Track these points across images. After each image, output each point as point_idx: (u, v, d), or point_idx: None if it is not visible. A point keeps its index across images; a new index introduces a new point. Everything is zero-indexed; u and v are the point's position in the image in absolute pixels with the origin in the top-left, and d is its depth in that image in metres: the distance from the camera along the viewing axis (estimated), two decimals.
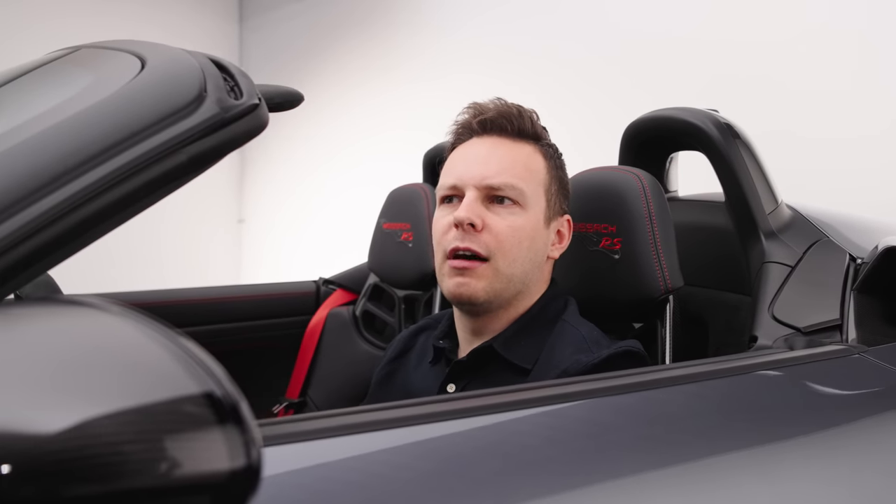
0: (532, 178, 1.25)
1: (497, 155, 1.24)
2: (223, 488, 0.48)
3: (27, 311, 0.53)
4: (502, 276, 1.21)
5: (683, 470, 0.85)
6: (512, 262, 1.22)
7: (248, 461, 0.48)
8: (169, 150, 0.77)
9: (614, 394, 0.89)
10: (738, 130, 1.39)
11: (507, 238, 1.21)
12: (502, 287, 1.22)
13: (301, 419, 0.77)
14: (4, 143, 0.73)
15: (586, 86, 3.51)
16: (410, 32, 4.50)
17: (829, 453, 0.94)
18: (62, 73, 0.96)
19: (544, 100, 3.59)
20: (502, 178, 1.22)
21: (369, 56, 4.74)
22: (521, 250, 1.22)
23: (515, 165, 1.24)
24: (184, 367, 0.50)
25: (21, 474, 0.46)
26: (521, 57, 3.83)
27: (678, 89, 3.14)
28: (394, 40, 4.60)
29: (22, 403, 0.48)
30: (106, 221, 0.75)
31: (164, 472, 0.47)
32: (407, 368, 1.41)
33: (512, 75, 3.81)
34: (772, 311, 1.18)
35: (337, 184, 4.90)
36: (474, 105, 1.31)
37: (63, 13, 4.74)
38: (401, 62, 4.55)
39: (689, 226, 1.55)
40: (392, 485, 0.72)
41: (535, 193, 1.25)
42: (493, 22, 3.99)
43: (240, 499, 0.48)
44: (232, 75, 0.87)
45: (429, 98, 4.22)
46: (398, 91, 4.49)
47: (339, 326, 2.11)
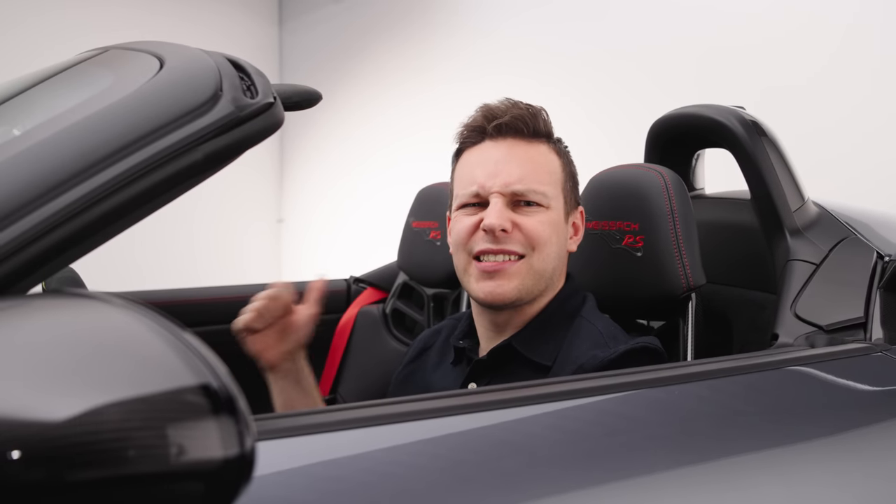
0: (551, 178, 1.26)
1: (517, 159, 1.24)
2: (216, 475, 0.49)
3: (36, 305, 0.55)
4: (535, 271, 1.22)
5: (695, 470, 0.85)
6: (545, 258, 1.23)
7: (242, 450, 0.50)
8: (184, 148, 0.79)
9: (623, 391, 0.89)
10: (765, 128, 1.38)
11: (540, 235, 1.22)
12: (533, 283, 1.23)
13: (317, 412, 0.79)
14: (27, 140, 0.76)
15: (620, 87, 3.50)
16: (447, 33, 4.52)
17: (846, 454, 0.93)
18: (87, 74, 0.98)
19: (579, 100, 3.62)
20: (526, 183, 1.22)
21: (405, 57, 4.77)
22: (552, 245, 1.24)
23: (537, 169, 1.25)
24: (183, 359, 0.51)
25: (29, 459, 0.47)
26: (556, 58, 3.82)
27: (712, 91, 3.11)
28: (430, 41, 4.61)
29: (30, 392, 0.50)
30: (124, 217, 0.77)
31: (160, 460, 0.49)
32: (426, 369, 1.42)
33: (547, 76, 3.81)
34: (794, 309, 1.17)
35: (373, 183, 4.93)
36: (486, 108, 1.30)
37: (107, 14, 4.84)
38: (436, 63, 4.56)
39: (716, 224, 1.54)
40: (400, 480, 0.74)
41: (556, 193, 1.26)
42: (529, 23, 3.98)
43: (233, 486, 0.50)
44: (248, 74, 0.89)
45: (464, 99, 4.19)
46: (434, 92, 4.51)
47: (369, 324, 2.12)
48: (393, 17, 4.86)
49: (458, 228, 1.26)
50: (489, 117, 1.28)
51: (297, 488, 0.68)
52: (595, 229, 1.37)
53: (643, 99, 3.32)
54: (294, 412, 0.75)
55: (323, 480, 0.70)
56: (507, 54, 4.09)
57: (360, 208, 5.05)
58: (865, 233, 1.30)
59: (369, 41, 5.03)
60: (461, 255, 1.26)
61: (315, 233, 5.50)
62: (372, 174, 4.97)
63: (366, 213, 4.97)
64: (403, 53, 4.79)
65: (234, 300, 2.07)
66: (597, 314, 1.27)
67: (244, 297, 2.10)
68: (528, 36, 3.99)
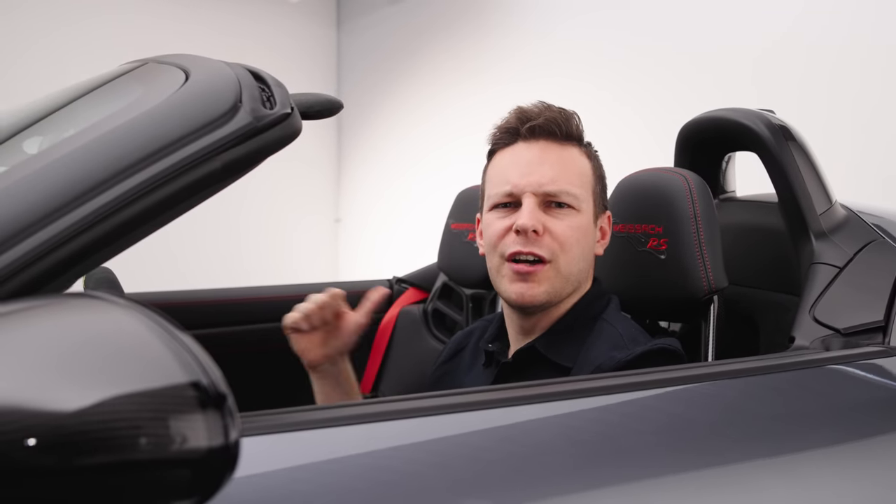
0: (582, 181, 1.28)
1: (550, 160, 1.26)
2: (202, 464, 0.54)
3: (50, 305, 0.60)
4: (563, 275, 1.24)
5: (698, 475, 0.87)
6: (571, 262, 1.25)
7: (226, 442, 0.54)
8: (204, 157, 0.83)
9: (627, 391, 0.91)
10: (793, 132, 1.38)
11: (568, 239, 1.24)
12: (562, 286, 1.25)
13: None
14: (60, 150, 0.81)
15: (673, 91, 3.47)
16: (502, 34, 4.54)
17: (852, 459, 0.93)
18: (122, 87, 1.04)
19: (632, 103, 3.61)
20: (559, 184, 1.24)
21: (461, 58, 4.80)
22: (580, 249, 1.26)
23: (568, 171, 1.27)
24: (176, 357, 0.56)
25: (43, 446, 0.52)
26: (610, 62, 3.81)
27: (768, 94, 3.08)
28: (485, 42, 4.64)
29: (42, 386, 0.55)
30: (149, 222, 0.82)
31: (152, 448, 0.53)
32: (460, 370, 1.45)
33: (601, 79, 3.81)
34: (813, 312, 1.17)
35: (428, 184, 4.98)
36: (519, 110, 1.32)
37: (177, 16, 4.98)
38: (492, 64, 4.59)
39: (746, 226, 1.54)
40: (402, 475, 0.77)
41: (587, 196, 1.28)
42: (584, 26, 3.99)
43: (217, 474, 0.54)
44: (268, 85, 0.93)
45: (519, 100, 4.22)
46: (488, 93, 4.53)
47: (409, 324, 2.17)
48: (448, 19, 4.90)
49: (491, 231, 1.28)
50: (523, 119, 1.30)
51: (304, 482, 0.72)
52: (621, 232, 1.39)
53: (696, 102, 3.29)
54: (297, 408, 0.79)
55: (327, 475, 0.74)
56: (561, 56, 4.10)
57: (415, 208, 5.11)
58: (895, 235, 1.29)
59: (424, 42, 5.08)
60: (494, 257, 1.28)
61: (371, 233, 5.57)
62: (427, 174, 5.02)
63: (420, 213, 5.02)
64: (459, 54, 4.82)
65: (276, 300, 2.14)
66: (619, 316, 1.29)
67: (287, 297, 2.18)
68: (582, 38, 3.99)
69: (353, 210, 5.80)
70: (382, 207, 5.45)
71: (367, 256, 5.56)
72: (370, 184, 5.62)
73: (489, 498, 0.79)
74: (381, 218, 5.45)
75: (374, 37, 5.57)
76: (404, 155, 5.26)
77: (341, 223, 5.91)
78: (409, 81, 5.18)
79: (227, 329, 2.07)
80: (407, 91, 5.20)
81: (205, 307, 2.06)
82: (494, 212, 1.29)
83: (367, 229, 5.63)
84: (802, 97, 3.00)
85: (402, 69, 5.25)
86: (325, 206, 5.86)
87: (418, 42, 5.14)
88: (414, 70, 5.17)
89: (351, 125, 5.76)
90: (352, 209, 5.82)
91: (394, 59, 5.34)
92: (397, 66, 5.29)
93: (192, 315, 2.01)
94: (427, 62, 5.06)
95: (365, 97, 5.62)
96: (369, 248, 5.56)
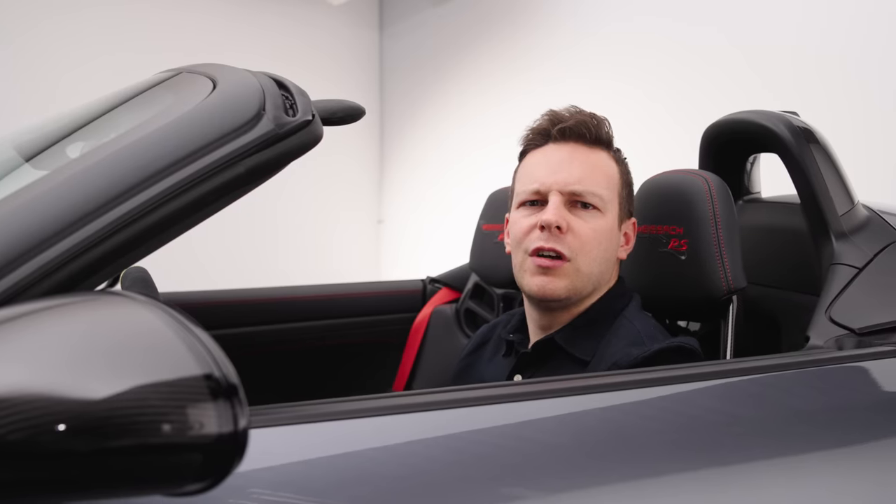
0: (609, 183, 1.31)
1: (578, 161, 1.31)
2: (212, 448, 0.58)
3: (76, 302, 0.65)
4: (582, 274, 1.28)
5: (702, 474, 0.89)
6: (591, 262, 1.28)
7: (235, 429, 0.58)
8: (229, 162, 0.88)
9: (640, 387, 0.93)
10: (816, 134, 1.39)
11: (590, 240, 1.28)
12: (582, 285, 1.29)
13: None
14: (95, 156, 0.87)
15: (720, 93, 3.45)
16: (545, 34, 4.54)
17: (857, 459, 0.94)
18: (155, 95, 1.10)
19: (677, 105, 3.59)
20: (585, 184, 1.29)
21: (504, 58, 4.81)
22: (599, 251, 1.29)
23: (595, 172, 1.30)
24: (191, 351, 0.60)
25: (72, 431, 0.57)
26: (655, 64, 3.80)
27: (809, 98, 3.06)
28: (528, 43, 4.64)
29: (70, 376, 0.59)
30: (177, 224, 0.87)
31: (170, 433, 0.58)
32: (482, 361, 1.49)
33: (646, 81, 3.80)
34: (829, 312, 1.18)
35: (470, 184, 4.99)
36: (551, 113, 1.37)
37: (220, 20, 5.08)
38: (535, 64, 4.59)
39: (771, 228, 1.56)
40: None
41: (613, 199, 1.31)
42: (629, 26, 3.97)
43: (227, 459, 0.59)
44: (291, 93, 0.98)
45: (564, 99, 4.21)
46: (532, 93, 4.53)
47: (442, 323, 2.20)
48: (491, 19, 4.92)
49: (517, 228, 1.33)
50: (554, 121, 1.35)
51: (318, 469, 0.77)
52: (644, 233, 1.42)
53: (744, 104, 3.27)
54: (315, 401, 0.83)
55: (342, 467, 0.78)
56: (605, 58, 4.09)
57: (457, 209, 5.13)
58: None
59: (467, 42, 5.10)
60: (518, 253, 1.33)
61: (413, 234, 5.61)
62: (469, 175, 5.04)
63: (462, 213, 5.05)
64: (502, 55, 4.84)
65: (313, 299, 2.19)
66: (639, 314, 1.32)
67: (324, 296, 2.23)
68: (627, 38, 3.98)
69: (395, 211, 5.85)
70: (424, 208, 5.49)
71: (409, 257, 5.60)
72: (412, 185, 5.66)
73: (502, 492, 0.82)
74: (423, 219, 5.48)
75: (417, 38, 5.61)
76: (446, 156, 5.28)
77: (383, 224, 5.96)
78: (452, 83, 5.21)
79: (266, 328, 2.12)
80: (449, 92, 5.23)
81: (243, 306, 2.11)
82: (522, 209, 1.34)
83: (408, 230, 5.67)
84: (835, 99, 2.97)
85: (445, 69, 5.28)
86: (367, 207, 5.92)
87: (461, 43, 5.17)
88: (456, 71, 5.19)
89: (393, 126, 5.82)
90: (394, 210, 5.87)
91: (437, 60, 5.38)
92: (440, 66, 5.33)
93: (230, 314, 2.07)
94: (469, 63, 5.09)
95: (407, 99, 5.67)
96: (411, 249, 5.60)
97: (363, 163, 5.86)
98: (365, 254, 5.89)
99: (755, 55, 3.33)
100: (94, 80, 4.05)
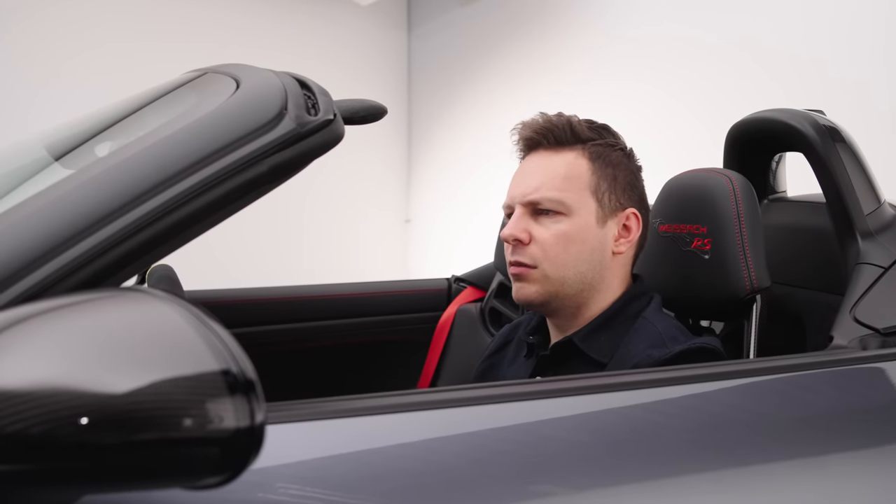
0: (572, 185, 1.30)
1: (538, 171, 1.33)
2: (230, 442, 0.59)
3: (99, 298, 0.66)
4: (552, 279, 1.30)
5: (727, 473, 0.88)
6: (560, 266, 1.29)
7: (252, 423, 0.59)
8: (251, 161, 0.89)
9: (660, 386, 0.93)
10: (842, 133, 1.38)
11: (552, 246, 1.29)
12: (556, 289, 1.30)
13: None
14: (120, 155, 0.88)
15: (745, 96, 3.43)
16: (574, 34, 4.53)
17: (881, 460, 0.94)
18: (181, 95, 1.11)
19: (703, 108, 3.57)
20: (540, 192, 1.31)
21: (532, 58, 4.81)
22: (569, 254, 1.29)
23: (553, 178, 1.31)
24: (210, 347, 0.61)
25: (94, 424, 0.58)
26: (683, 66, 3.78)
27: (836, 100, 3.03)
28: (556, 43, 4.63)
29: (93, 370, 0.61)
30: (201, 222, 0.88)
31: (190, 427, 0.59)
32: (504, 362, 1.49)
33: (671, 84, 3.78)
34: (854, 312, 1.17)
35: (498, 184, 4.98)
36: (519, 124, 1.40)
37: (247, 21, 5.12)
38: (564, 64, 4.58)
39: (796, 227, 1.54)
40: None
41: (580, 198, 1.30)
42: (659, 27, 3.95)
43: (245, 453, 0.59)
44: (313, 92, 0.99)
45: (594, 99, 4.23)
46: (561, 93, 4.53)
47: (467, 322, 2.20)
48: (520, 19, 4.91)
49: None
50: (520, 136, 1.39)
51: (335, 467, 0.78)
52: (667, 232, 1.41)
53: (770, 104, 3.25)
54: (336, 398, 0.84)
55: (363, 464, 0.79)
56: (634, 60, 4.08)
57: (485, 209, 5.14)
58: None
59: (496, 42, 5.10)
60: None
61: (441, 233, 5.62)
62: (496, 175, 5.03)
63: (490, 213, 5.04)
64: (530, 55, 4.83)
65: (339, 297, 2.21)
66: (660, 315, 1.31)
67: (351, 294, 2.24)
68: (656, 41, 3.96)
69: (423, 211, 5.86)
70: (452, 208, 5.50)
71: (436, 257, 5.61)
72: (440, 185, 5.67)
73: (523, 489, 0.82)
74: (451, 219, 5.49)
75: (445, 38, 5.62)
76: (474, 156, 5.29)
77: (411, 224, 5.98)
78: (480, 82, 5.21)
79: (291, 326, 2.14)
80: (477, 93, 5.23)
81: (268, 304, 2.13)
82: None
83: (436, 230, 5.68)
84: (865, 98, 2.94)
85: (474, 69, 5.28)
86: (395, 207, 5.94)
87: (489, 43, 5.17)
88: (485, 70, 5.20)
89: (420, 126, 5.83)
90: (421, 210, 5.88)
91: (465, 59, 5.38)
92: (469, 66, 5.33)
93: (256, 311, 2.08)
94: (497, 63, 5.08)
95: (435, 99, 5.68)
96: (438, 248, 5.61)
97: (391, 162, 5.87)
98: (392, 253, 5.91)
99: (782, 58, 3.30)
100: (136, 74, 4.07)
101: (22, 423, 0.56)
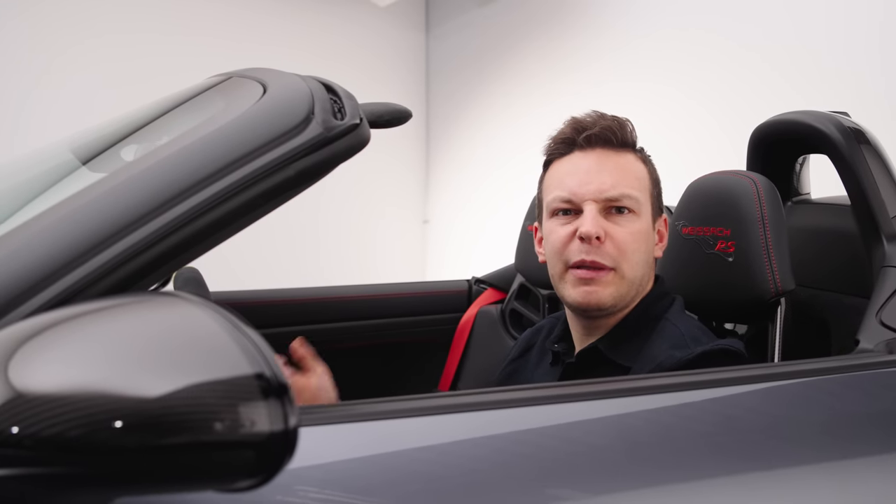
0: (640, 185, 1.30)
1: (608, 167, 1.30)
2: (264, 446, 0.60)
3: (132, 302, 0.67)
4: (626, 280, 1.28)
5: (750, 477, 0.88)
6: (634, 267, 1.28)
7: (286, 427, 0.60)
8: (279, 165, 0.90)
9: (683, 390, 0.93)
10: (867, 135, 1.37)
11: (629, 245, 1.27)
12: (626, 290, 1.28)
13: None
14: (149, 160, 0.89)
15: (765, 100, 3.40)
16: (592, 35, 4.51)
17: None
18: (207, 99, 1.12)
19: (722, 111, 3.55)
20: (619, 189, 1.28)
21: (551, 59, 4.80)
22: (640, 254, 1.28)
23: (627, 175, 1.30)
24: (243, 351, 0.62)
25: (128, 427, 0.59)
26: (703, 67, 3.76)
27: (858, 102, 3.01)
28: (575, 43, 4.62)
29: (126, 374, 0.61)
30: (229, 226, 0.89)
31: (222, 430, 0.59)
32: (528, 367, 1.49)
33: (690, 85, 3.76)
34: (880, 315, 1.17)
35: (516, 185, 4.99)
36: (574, 120, 1.36)
37: (270, 24, 5.14)
38: (582, 65, 4.56)
39: (820, 229, 1.54)
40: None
41: (644, 199, 1.31)
42: (678, 29, 3.93)
43: (278, 456, 0.60)
44: (339, 97, 1.00)
45: (613, 100, 4.19)
46: (579, 94, 4.50)
47: (487, 324, 2.21)
48: (539, 20, 4.90)
49: (554, 238, 1.32)
50: (578, 129, 1.34)
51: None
52: (690, 234, 1.41)
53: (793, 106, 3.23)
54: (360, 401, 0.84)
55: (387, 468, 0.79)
56: (653, 61, 4.05)
57: (504, 210, 5.13)
58: None
59: (514, 43, 5.09)
60: (557, 264, 1.32)
61: (458, 234, 5.62)
62: (515, 176, 5.03)
63: (509, 214, 5.04)
64: (549, 55, 4.82)
65: (360, 299, 2.22)
66: (682, 316, 1.31)
67: (371, 296, 2.25)
68: (676, 42, 3.94)
69: (441, 212, 5.86)
70: (470, 209, 5.49)
71: (455, 258, 5.61)
72: (458, 186, 5.67)
73: (546, 493, 0.83)
74: (469, 219, 5.48)
75: (463, 39, 5.62)
76: (492, 157, 5.28)
77: (429, 224, 5.98)
78: (498, 83, 5.21)
79: (311, 327, 2.15)
80: (495, 93, 5.23)
81: (287, 305, 2.14)
82: (555, 219, 1.33)
83: (454, 231, 5.68)
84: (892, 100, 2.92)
85: (491, 69, 5.28)
86: (413, 207, 5.94)
87: (507, 43, 5.17)
88: (502, 72, 5.19)
89: (438, 127, 5.84)
90: (439, 211, 5.89)
91: (483, 60, 5.38)
92: (486, 67, 5.33)
93: (275, 313, 2.09)
94: (516, 64, 5.08)
95: (453, 99, 5.68)
96: (457, 249, 5.61)
97: (409, 163, 5.88)
98: (410, 254, 5.91)
99: (804, 58, 3.28)
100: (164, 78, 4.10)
101: (60, 426, 0.57)
